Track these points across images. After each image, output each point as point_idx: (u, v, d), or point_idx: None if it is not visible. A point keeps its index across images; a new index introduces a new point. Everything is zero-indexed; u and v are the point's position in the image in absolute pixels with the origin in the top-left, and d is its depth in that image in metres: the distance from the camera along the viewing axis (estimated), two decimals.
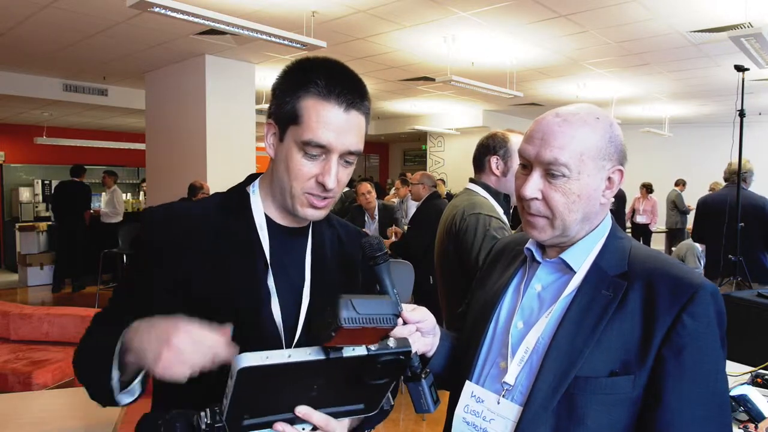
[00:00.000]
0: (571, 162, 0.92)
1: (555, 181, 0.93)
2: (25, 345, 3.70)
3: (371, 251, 0.94)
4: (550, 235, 0.97)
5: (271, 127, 0.98)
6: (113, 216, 8.18)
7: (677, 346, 0.85)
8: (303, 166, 0.93)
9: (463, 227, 1.86)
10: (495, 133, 1.99)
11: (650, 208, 9.30)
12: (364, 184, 5.49)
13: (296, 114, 0.92)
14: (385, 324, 0.75)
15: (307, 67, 0.95)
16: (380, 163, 16.12)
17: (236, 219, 1.00)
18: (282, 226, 1.02)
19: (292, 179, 0.94)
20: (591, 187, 0.94)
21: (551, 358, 0.90)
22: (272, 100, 0.98)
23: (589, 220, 0.97)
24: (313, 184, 0.94)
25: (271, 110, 0.98)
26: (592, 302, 0.92)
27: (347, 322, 0.71)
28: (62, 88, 7.43)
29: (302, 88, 0.93)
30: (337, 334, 0.71)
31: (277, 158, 0.97)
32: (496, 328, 1.03)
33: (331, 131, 0.92)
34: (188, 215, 1.00)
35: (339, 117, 0.92)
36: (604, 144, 0.94)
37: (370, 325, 0.72)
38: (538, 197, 0.95)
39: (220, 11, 4.04)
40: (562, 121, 0.94)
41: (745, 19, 4.58)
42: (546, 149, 0.93)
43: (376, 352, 0.78)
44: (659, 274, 0.90)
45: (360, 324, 0.71)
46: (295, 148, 0.93)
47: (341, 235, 1.12)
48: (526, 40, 5.52)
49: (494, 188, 1.95)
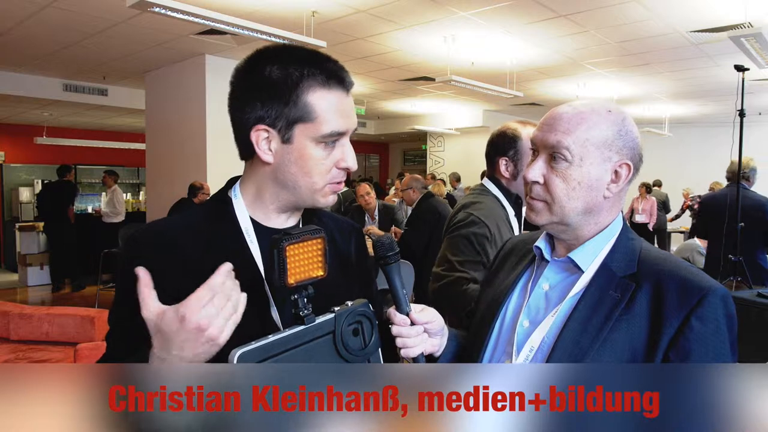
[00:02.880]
0: (574, 147, 0.92)
1: (557, 166, 0.94)
2: (25, 345, 3.70)
3: (383, 251, 0.94)
4: (547, 220, 0.97)
5: (263, 133, 0.92)
6: (114, 216, 8.18)
7: (684, 349, 0.84)
8: (323, 159, 0.93)
9: (453, 221, 1.90)
10: (505, 131, 1.87)
11: (649, 208, 9.30)
12: (363, 185, 5.50)
13: (305, 111, 0.90)
14: (316, 234, 0.86)
15: (291, 60, 0.91)
16: (380, 163, 16.12)
17: (223, 227, 0.97)
18: (270, 228, 0.99)
19: (313, 175, 0.93)
20: (593, 177, 0.93)
21: (556, 357, 0.90)
22: (250, 103, 0.91)
23: (592, 213, 0.96)
24: (335, 171, 0.95)
25: (258, 114, 0.91)
26: (599, 303, 0.91)
27: (287, 240, 0.81)
28: (62, 88, 7.43)
29: (301, 83, 0.90)
30: (288, 260, 0.81)
31: (283, 161, 0.93)
32: (503, 326, 1.03)
33: (343, 117, 0.92)
34: (173, 231, 0.96)
35: (344, 101, 0.93)
36: (612, 135, 0.94)
37: (306, 237, 0.84)
38: (540, 181, 0.96)
39: (220, 11, 4.04)
40: (573, 109, 0.95)
41: (745, 19, 4.58)
42: (551, 133, 0.94)
43: (340, 311, 0.88)
44: (668, 277, 0.89)
45: (298, 239, 0.82)
46: (312, 144, 0.91)
47: (333, 231, 1.10)
48: (526, 40, 5.52)
49: (506, 188, 1.89)
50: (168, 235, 0.95)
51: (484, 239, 1.77)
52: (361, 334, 0.91)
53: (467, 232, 1.79)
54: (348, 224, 1.17)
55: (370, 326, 0.93)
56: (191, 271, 0.90)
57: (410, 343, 0.96)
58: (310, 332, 0.84)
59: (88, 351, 3.20)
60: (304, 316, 0.84)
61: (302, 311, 0.84)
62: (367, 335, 0.92)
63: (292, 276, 0.82)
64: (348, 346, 0.88)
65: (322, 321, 0.86)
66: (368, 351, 0.92)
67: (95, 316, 3.67)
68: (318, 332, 0.85)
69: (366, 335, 0.92)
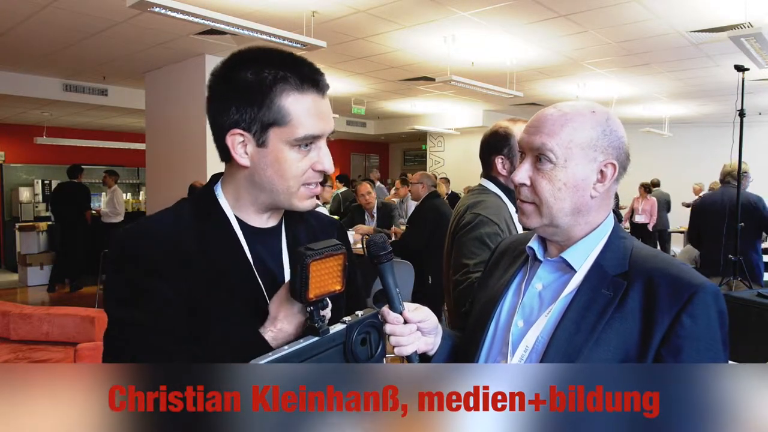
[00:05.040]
0: (557, 149, 0.94)
1: (542, 167, 0.96)
2: (25, 345, 3.70)
3: (376, 250, 0.95)
4: (538, 223, 0.98)
5: (238, 137, 0.92)
6: (113, 216, 8.18)
7: (675, 346, 0.85)
8: (298, 162, 0.93)
9: (461, 224, 1.85)
10: (497, 130, 1.88)
11: (649, 208, 9.30)
12: (365, 185, 5.54)
13: (279, 115, 0.90)
14: (339, 251, 0.87)
15: (265, 64, 0.91)
16: (380, 163, 16.12)
17: (212, 222, 0.97)
18: (254, 227, 1.00)
19: (289, 179, 0.93)
20: (578, 177, 0.95)
21: (550, 356, 0.91)
22: (226, 107, 0.92)
23: (581, 213, 0.97)
24: (311, 173, 0.95)
25: (233, 119, 0.91)
26: (591, 301, 0.92)
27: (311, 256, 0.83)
28: (62, 88, 7.42)
29: (275, 87, 0.90)
30: (310, 276, 0.82)
31: (259, 165, 0.93)
32: (497, 327, 1.04)
33: (319, 120, 0.92)
34: (164, 227, 0.95)
35: (319, 103, 0.93)
36: (596, 135, 0.95)
37: (329, 253, 0.85)
38: (527, 183, 0.98)
39: (220, 11, 4.04)
40: (557, 111, 0.97)
41: (745, 19, 4.58)
42: (536, 135, 0.96)
43: (352, 322, 0.90)
44: (660, 274, 0.90)
45: (322, 255, 0.84)
46: (286, 147, 0.92)
47: (314, 227, 1.11)
48: (526, 40, 5.52)
49: (505, 185, 1.88)
50: (156, 229, 0.95)
51: (497, 237, 1.76)
52: (368, 344, 0.93)
53: (479, 233, 1.77)
54: (329, 220, 1.19)
55: (378, 336, 0.94)
56: (187, 264, 0.91)
57: (403, 342, 0.96)
58: (324, 343, 0.85)
59: (88, 351, 3.20)
60: (320, 328, 0.85)
61: (317, 323, 0.85)
62: (374, 345, 0.94)
63: (313, 291, 0.84)
64: (356, 356, 0.90)
65: (335, 332, 0.87)
66: (374, 360, 0.93)
67: (95, 316, 3.67)
68: (330, 343, 0.87)
69: (373, 345, 0.93)
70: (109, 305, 0.92)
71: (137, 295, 0.89)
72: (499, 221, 1.80)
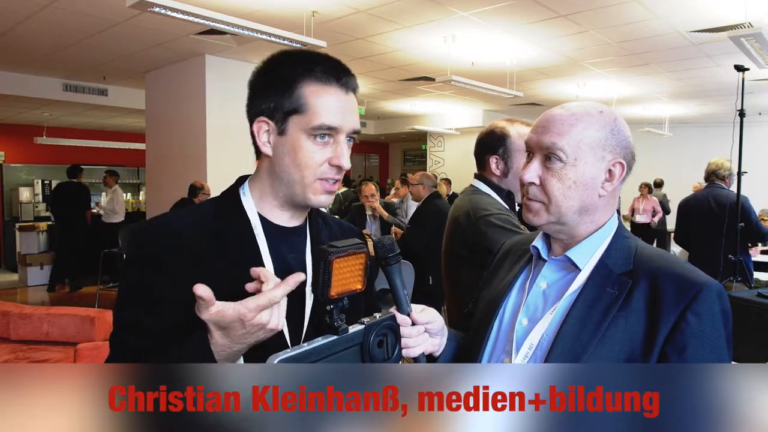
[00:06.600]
0: (568, 148, 0.94)
1: (552, 166, 0.96)
2: (25, 345, 3.70)
3: (383, 252, 0.95)
4: (545, 220, 0.99)
5: (263, 125, 0.96)
6: (113, 216, 8.19)
7: (680, 344, 0.85)
8: (314, 152, 0.94)
9: (478, 233, 1.76)
10: (493, 130, 1.87)
11: (650, 208, 9.30)
12: (370, 186, 5.45)
13: (299, 103, 0.93)
14: (360, 249, 0.87)
15: (295, 59, 0.97)
16: (380, 163, 16.12)
17: (232, 222, 0.99)
18: (279, 226, 1.01)
19: (303, 168, 0.95)
20: (588, 176, 0.95)
21: (555, 354, 0.91)
22: (257, 98, 0.97)
23: (588, 212, 0.98)
24: (326, 168, 0.96)
25: (260, 108, 0.96)
26: (596, 300, 0.93)
27: (334, 253, 0.82)
28: (62, 88, 7.42)
29: (299, 78, 0.94)
30: (333, 273, 0.82)
31: (278, 153, 0.96)
32: (501, 325, 1.05)
33: (338, 113, 0.94)
34: (179, 225, 0.97)
35: (341, 99, 0.95)
36: (605, 135, 0.96)
37: (352, 251, 0.85)
38: (536, 182, 0.98)
39: (220, 11, 4.04)
40: (566, 111, 0.97)
41: (745, 19, 4.58)
42: (545, 135, 0.97)
43: (370, 323, 0.90)
44: (664, 273, 0.91)
45: (345, 253, 0.83)
46: (303, 136, 0.94)
47: (336, 232, 1.12)
48: (526, 40, 5.52)
49: (497, 184, 1.88)
50: (174, 229, 0.96)
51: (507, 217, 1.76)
52: (385, 346, 0.93)
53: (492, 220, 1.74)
54: (349, 227, 1.20)
55: (394, 338, 0.94)
56: (200, 263, 0.92)
57: (411, 343, 0.97)
58: (341, 342, 0.85)
59: (88, 351, 3.20)
60: (338, 327, 0.86)
61: (336, 321, 0.85)
62: (390, 347, 0.94)
63: (335, 288, 0.84)
64: (373, 357, 0.90)
65: (354, 332, 0.88)
66: (391, 362, 0.93)
67: (95, 316, 3.67)
68: (348, 343, 0.87)
69: (389, 347, 0.93)
70: (118, 305, 0.94)
71: (138, 294, 0.92)
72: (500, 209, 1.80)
